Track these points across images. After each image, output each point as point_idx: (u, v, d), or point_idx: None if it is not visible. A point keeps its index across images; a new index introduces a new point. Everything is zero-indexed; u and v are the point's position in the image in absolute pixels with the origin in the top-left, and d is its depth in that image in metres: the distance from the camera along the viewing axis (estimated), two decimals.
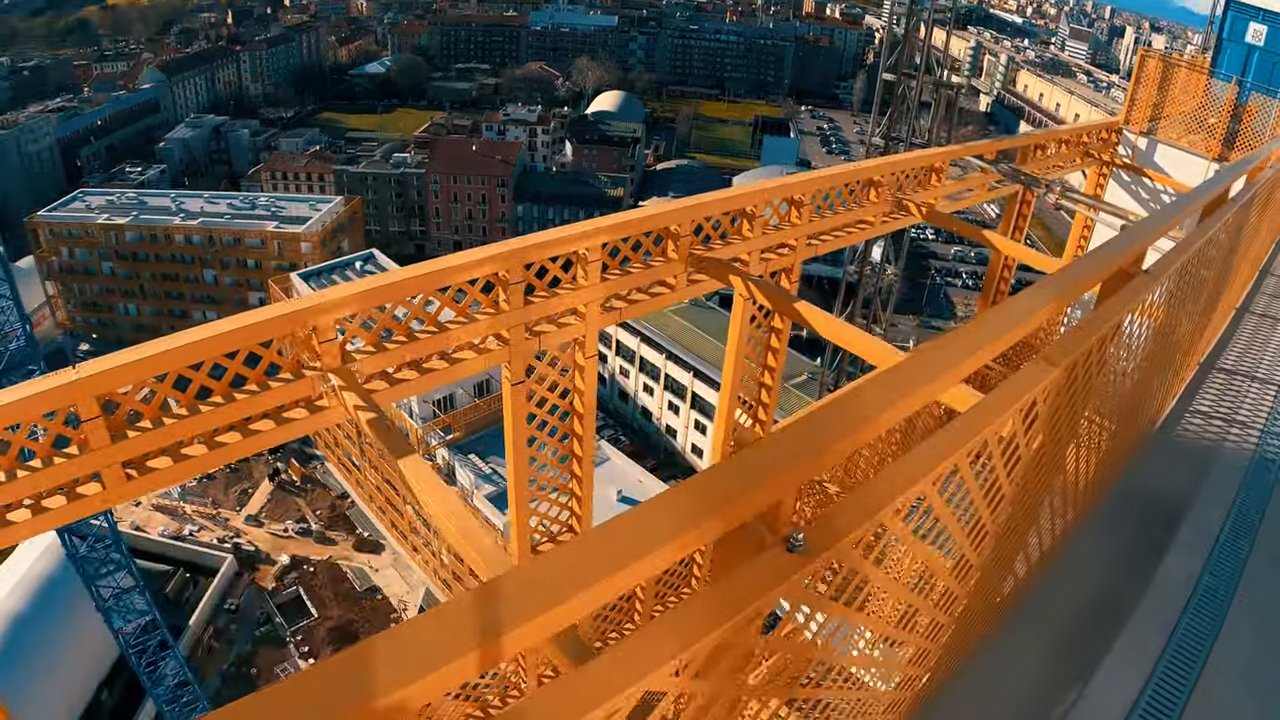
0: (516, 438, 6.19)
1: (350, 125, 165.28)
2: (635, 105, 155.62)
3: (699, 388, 73.34)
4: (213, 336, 4.52)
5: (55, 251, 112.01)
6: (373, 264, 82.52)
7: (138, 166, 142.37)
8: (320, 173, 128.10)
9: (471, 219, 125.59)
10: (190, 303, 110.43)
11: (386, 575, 72.49)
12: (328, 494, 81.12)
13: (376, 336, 5.18)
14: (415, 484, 4.10)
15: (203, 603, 68.49)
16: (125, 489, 4.63)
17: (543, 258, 5.51)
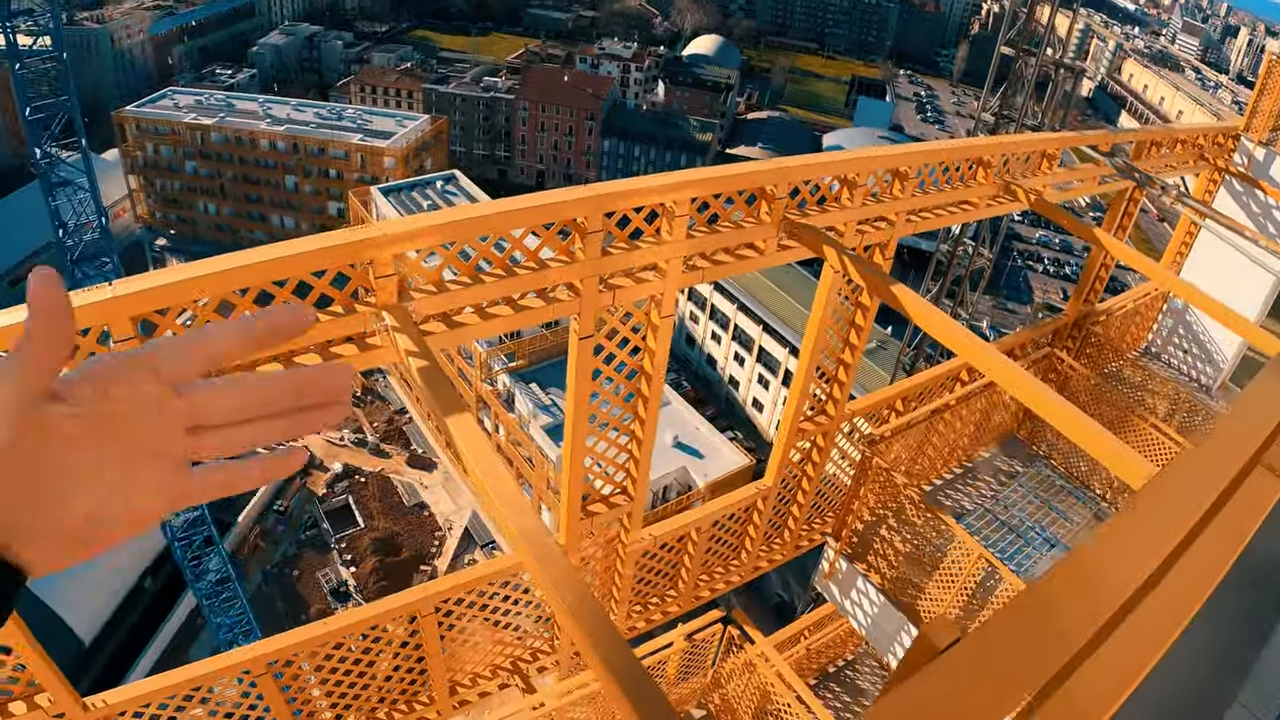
0: (579, 392, 5.85)
1: (443, 45, 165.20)
2: (732, 51, 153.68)
3: (767, 342, 72.83)
4: (261, 262, 4.19)
5: (140, 147, 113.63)
6: (454, 185, 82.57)
7: (228, 69, 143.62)
8: (409, 90, 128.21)
9: (557, 149, 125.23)
10: (269, 206, 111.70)
11: (435, 493, 73.29)
12: (386, 408, 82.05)
13: (439, 275, 4.82)
14: (463, 444, 3.76)
15: (252, 502, 69.81)
16: None
17: (626, 207, 5.11)
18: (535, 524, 3.49)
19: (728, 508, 8.34)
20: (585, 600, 3.11)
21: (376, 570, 66.37)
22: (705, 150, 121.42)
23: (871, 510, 9.03)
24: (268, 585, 66.63)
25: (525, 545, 3.34)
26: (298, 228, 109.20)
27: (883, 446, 8.69)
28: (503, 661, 8.01)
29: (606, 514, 6.95)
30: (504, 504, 3.58)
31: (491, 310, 5.00)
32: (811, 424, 7.87)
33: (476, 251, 4.80)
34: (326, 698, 7.13)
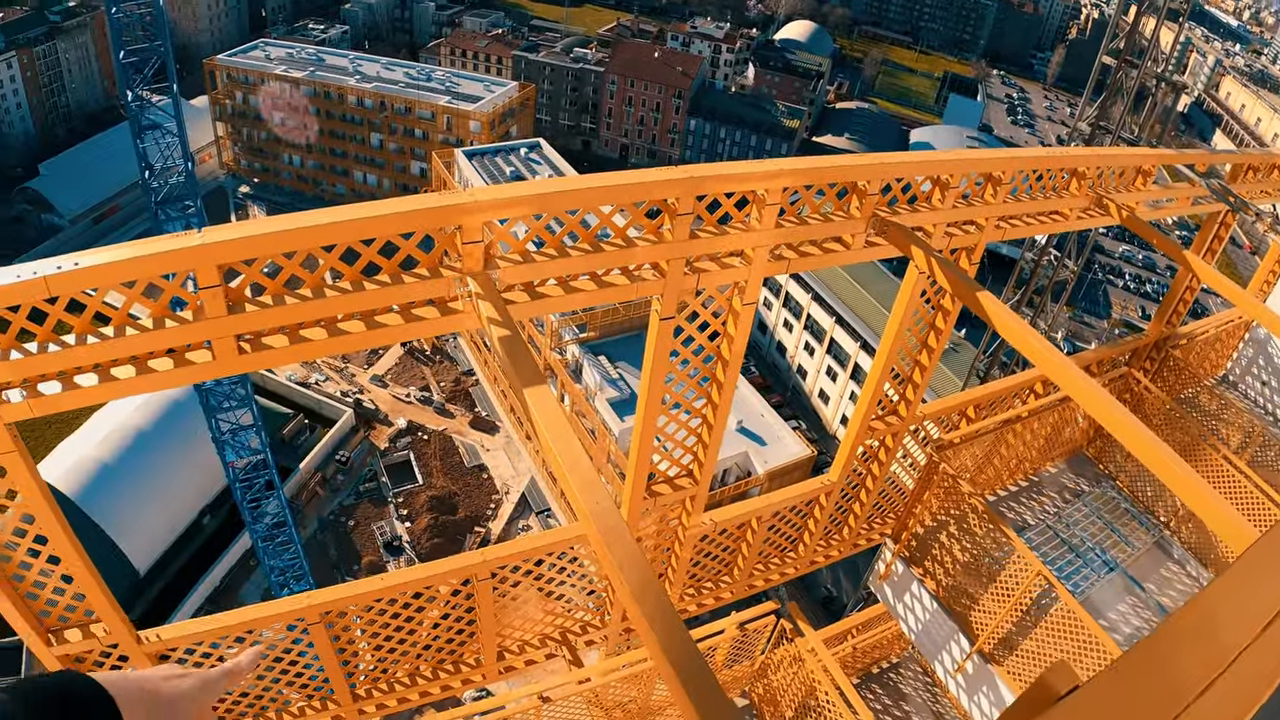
0: (654, 372, 5.84)
1: (535, 13, 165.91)
2: (825, 38, 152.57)
3: (838, 334, 72.45)
4: (351, 220, 4.22)
5: (229, 95, 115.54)
6: (538, 153, 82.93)
7: (321, 24, 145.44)
8: (499, 55, 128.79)
9: (643, 125, 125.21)
10: (353, 162, 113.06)
11: (496, 456, 74.02)
12: (454, 368, 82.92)
13: (525, 245, 4.83)
14: (539, 418, 3.77)
15: (315, 450, 71.13)
16: (236, 361, 4.42)
17: (718, 190, 5.09)
18: (604, 499, 3.50)
19: (790, 500, 8.31)
20: (647, 579, 3.12)
21: (431, 527, 67.19)
22: (791, 137, 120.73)
23: (933, 515, 8.96)
24: (323, 533, 67.82)
25: (592, 519, 3.35)
26: (379, 184, 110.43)
27: (950, 453, 8.61)
28: (552, 632, 8.07)
29: (670, 495, 6.95)
30: (575, 476, 3.59)
31: (575, 284, 5.00)
32: (882, 423, 7.82)
33: (564, 224, 4.80)
34: (375, 652, 7.22)
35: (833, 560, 9.53)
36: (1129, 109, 37.49)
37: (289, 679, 7.11)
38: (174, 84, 41.45)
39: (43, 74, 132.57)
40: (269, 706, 7.26)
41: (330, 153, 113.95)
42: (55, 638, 5.73)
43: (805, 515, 8.68)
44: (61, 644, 5.74)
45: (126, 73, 40.75)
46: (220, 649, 6.56)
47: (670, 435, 6.59)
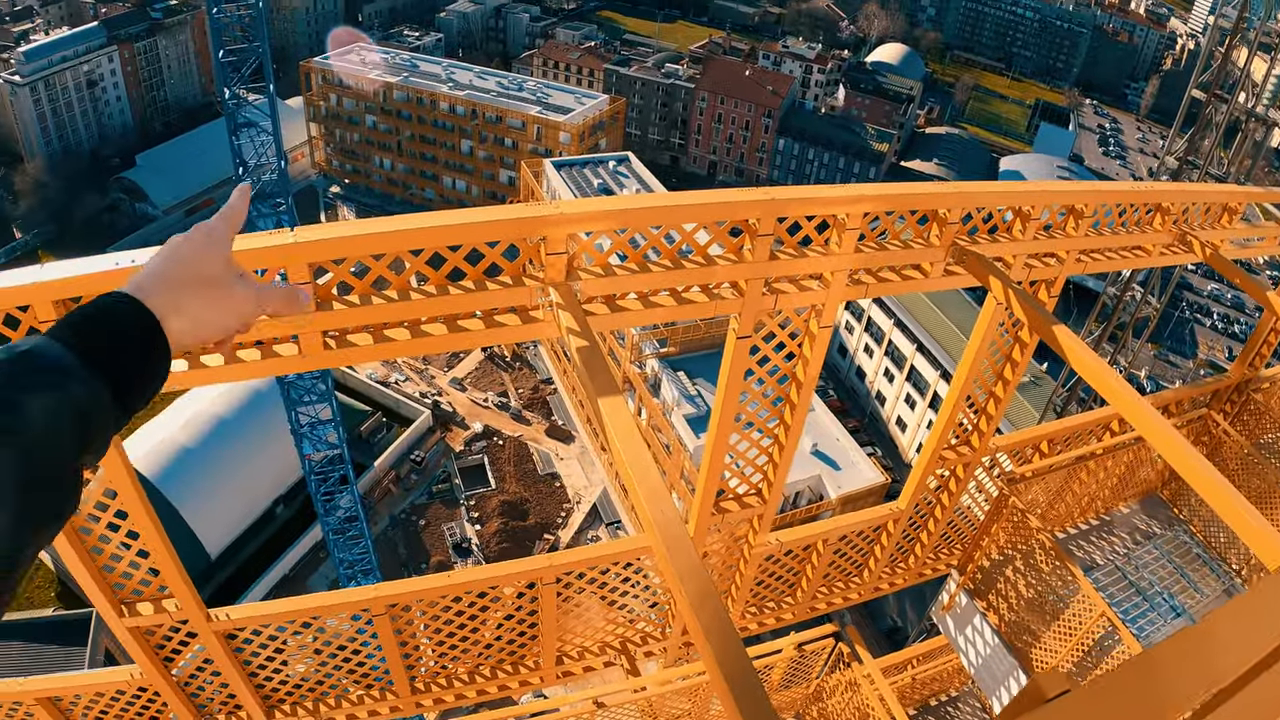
0: (729, 390, 5.91)
1: (628, 28, 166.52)
2: (916, 62, 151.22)
3: (919, 361, 71.73)
4: (439, 226, 4.36)
5: (324, 97, 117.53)
6: (626, 166, 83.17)
7: (416, 31, 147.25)
8: (591, 68, 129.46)
9: (731, 143, 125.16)
10: (442, 167, 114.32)
11: (570, 465, 74.29)
12: (533, 375, 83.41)
13: (607, 259, 4.92)
14: (612, 428, 3.85)
15: (391, 448, 72.03)
16: (322, 356, 4.57)
17: (800, 213, 5.15)
18: (671, 512, 3.55)
19: (857, 524, 8.31)
20: (708, 593, 3.16)
21: (501, 532, 67.61)
22: (880, 160, 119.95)
23: (1000, 549, 8.88)
24: (393, 530, 68.63)
25: (658, 531, 3.41)
26: (468, 191, 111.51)
27: (1022, 486, 8.54)
28: (612, 640, 8.13)
29: (738, 513, 6.99)
30: (643, 487, 3.65)
31: (655, 299, 5.08)
32: (954, 453, 7.79)
33: (647, 239, 4.88)
34: (437, 648, 7.34)
35: (897, 588, 9.49)
36: (1218, 144, 36.72)
37: (350, 668, 7.28)
38: (270, 84, 42.17)
39: (142, 69, 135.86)
40: (329, 693, 7.43)
41: (421, 157, 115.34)
42: (128, 610, 5.94)
43: (872, 541, 8.67)
44: (133, 616, 5.95)
45: (225, 71, 41.58)
46: (286, 633, 6.74)
47: (741, 453, 6.64)
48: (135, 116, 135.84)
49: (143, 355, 1.85)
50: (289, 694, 7.29)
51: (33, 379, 1.62)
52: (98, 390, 1.71)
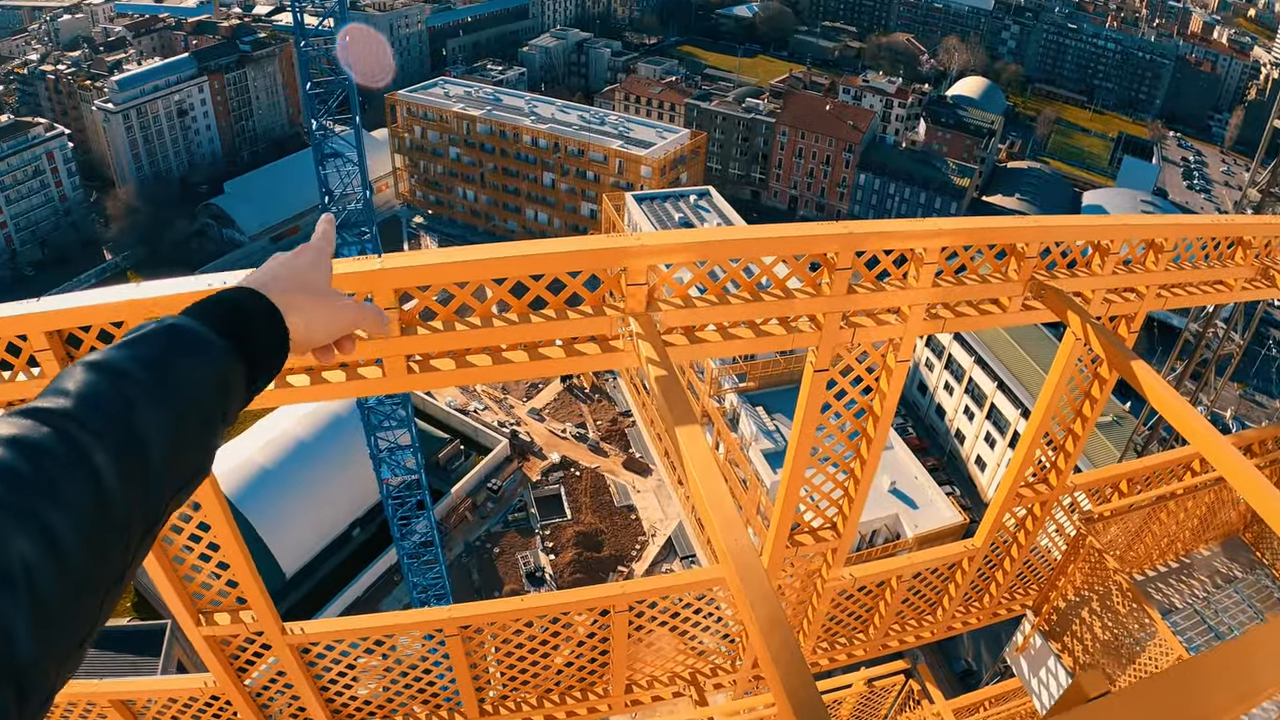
0: (806, 423, 5.93)
1: (709, 62, 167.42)
2: (997, 96, 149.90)
3: (999, 400, 70.73)
4: (521, 256, 4.47)
5: (409, 129, 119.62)
6: (707, 201, 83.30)
7: (499, 66, 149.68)
8: (672, 102, 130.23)
9: (811, 178, 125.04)
10: (525, 200, 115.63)
11: (646, 498, 74.28)
12: (612, 408, 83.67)
13: (687, 291, 4.99)
14: (689, 457, 3.90)
15: (469, 476, 72.73)
16: (404, 380, 4.70)
17: (877, 247, 5.18)
18: (745, 543, 3.57)
19: (932, 561, 8.24)
20: (779, 626, 3.17)
21: (575, 562, 67.77)
22: (961, 195, 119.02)
23: (1076, 590, 8.74)
24: (468, 557, 69.18)
25: (731, 561, 3.43)
26: (550, 223, 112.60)
27: (1100, 526, 8.41)
28: (682, 671, 8.14)
29: (812, 546, 6.98)
30: (717, 515, 3.67)
31: (733, 331, 5.13)
32: (1031, 490, 7.71)
33: (726, 272, 4.93)
34: (507, 671, 7.41)
35: (970, 628, 9.38)
36: None
37: (419, 688, 7.39)
38: (356, 116, 43.00)
39: (231, 99, 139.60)
40: (397, 712, 7.53)
41: (503, 190, 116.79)
42: (205, 619, 6.09)
43: (946, 579, 8.59)
44: (210, 625, 6.11)
45: (312, 103, 42.46)
46: (358, 650, 6.86)
47: (817, 487, 6.65)
48: (224, 145, 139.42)
49: (269, 339, 2.07)
50: (358, 710, 7.40)
51: (185, 351, 1.79)
52: (234, 364, 1.89)
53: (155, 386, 1.67)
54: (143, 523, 1.57)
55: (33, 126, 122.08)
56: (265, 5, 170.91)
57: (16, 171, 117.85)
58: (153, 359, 1.72)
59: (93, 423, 1.53)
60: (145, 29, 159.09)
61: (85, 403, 1.56)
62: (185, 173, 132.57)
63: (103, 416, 1.55)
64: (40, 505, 1.37)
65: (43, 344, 4.41)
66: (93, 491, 1.46)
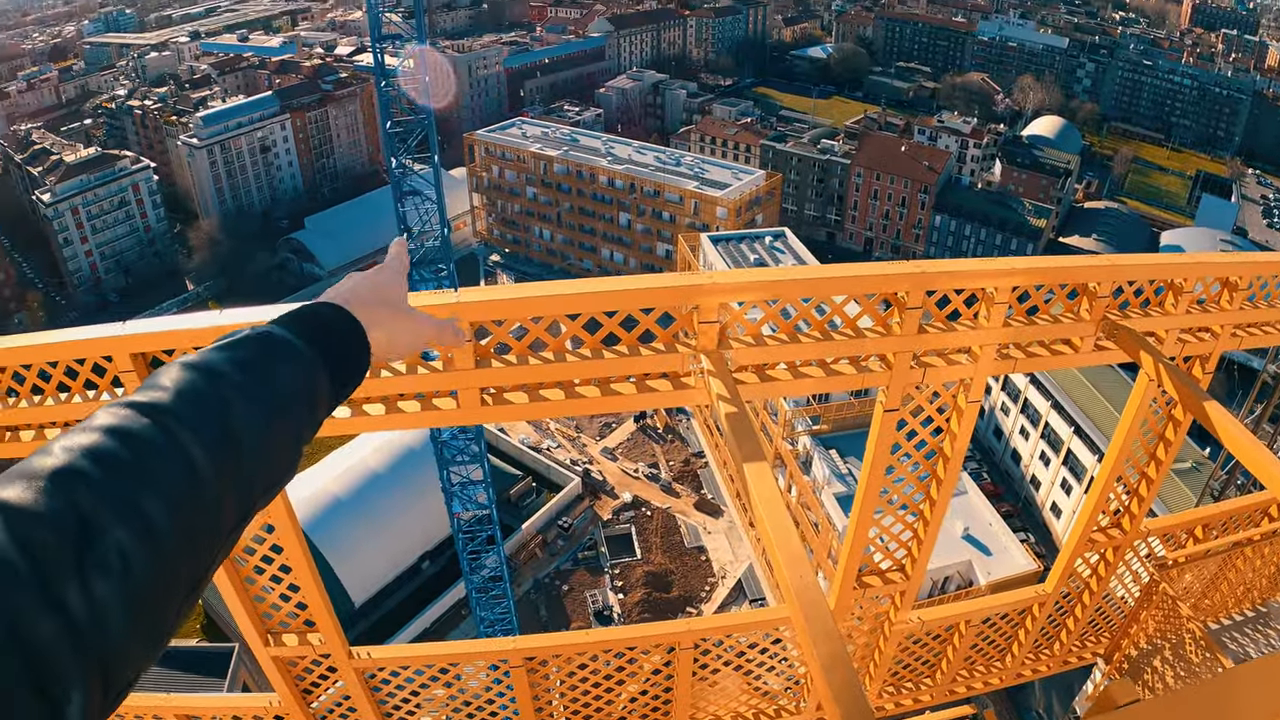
0: (875, 463, 5.92)
1: (784, 104, 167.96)
2: (1073, 135, 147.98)
3: (1076, 445, 69.52)
4: (594, 292, 4.56)
5: (486, 168, 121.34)
6: (782, 242, 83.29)
7: (575, 106, 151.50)
8: (747, 143, 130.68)
9: (887, 219, 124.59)
10: (601, 239, 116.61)
11: (717, 540, 73.93)
12: (685, 449, 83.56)
13: (759, 329, 5.03)
14: (755, 493, 3.93)
15: (540, 512, 73.11)
16: (478, 412, 4.78)
17: (948, 287, 5.17)
18: (812, 582, 3.56)
19: (1002, 606, 8.14)
20: (842, 664, 3.17)
21: (643, 602, 67.56)
22: (1037, 236, 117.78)
23: (1149, 638, 8.58)
24: (536, 593, 69.27)
25: (797, 600, 3.43)
26: (625, 263, 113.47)
27: (1174, 572, 8.26)
28: (745, 711, 8.10)
29: (880, 588, 6.93)
30: (784, 554, 3.68)
31: (804, 370, 5.15)
32: (1104, 535, 7.60)
33: (797, 311, 4.96)
34: (570, 705, 7.43)
35: (1040, 675, 9.25)
36: None
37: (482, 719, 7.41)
38: (435, 155, 43.58)
39: (313, 136, 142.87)
40: None
41: (579, 229, 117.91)
42: (274, 639, 6.20)
43: (1016, 625, 8.48)
44: (278, 646, 6.21)
45: (391, 141, 43.12)
46: (424, 677, 6.93)
47: (886, 528, 6.62)
48: (305, 181, 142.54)
49: (353, 352, 2.14)
50: None
51: (279, 357, 1.87)
52: (321, 372, 1.96)
53: (250, 387, 1.74)
54: (232, 519, 1.63)
55: (120, 159, 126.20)
56: (347, 46, 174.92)
57: (104, 202, 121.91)
58: (248, 362, 1.79)
59: (190, 417, 1.58)
60: (230, 67, 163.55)
61: (183, 398, 1.62)
62: (267, 207, 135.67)
63: (200, 412, 1.61)
64: (139, 493, 1.41)
65: (127, 365, 4.58)
66: (189, 484, 1.51)
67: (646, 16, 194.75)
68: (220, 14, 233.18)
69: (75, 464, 1.39)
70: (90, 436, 1.45)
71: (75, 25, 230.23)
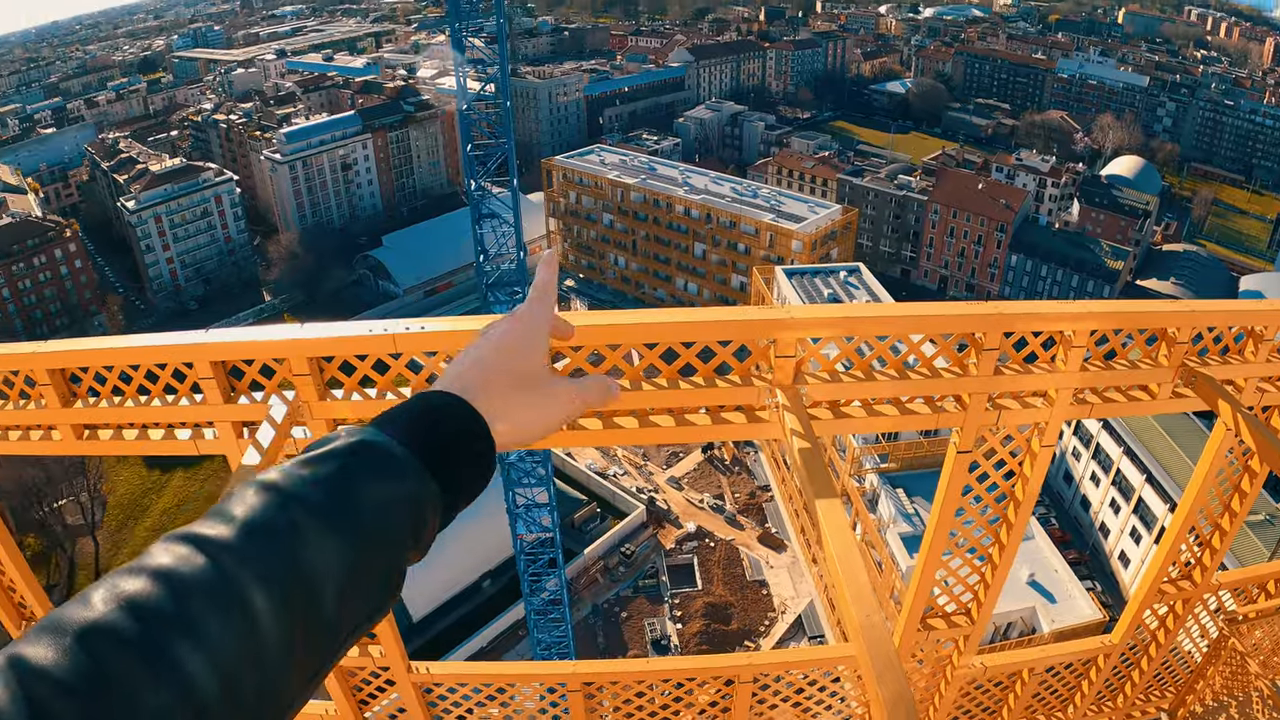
0: (945, 505, 5.90)
1: (861, 138, 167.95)
2: (1153, 176, 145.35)
3: (1148, 494, 68.14)
4: (674, 322, 4.61)
5: (563, 194, 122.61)
6: (856, 277, 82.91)
7: (654, 135, 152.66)
8: (824, 177, 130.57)
9: (962, 257, 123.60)
10: (675, 269, 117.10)
11: (779, 575, 73.58)
12: (751, 482, 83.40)
13: (834, 365, 5.04)
14: (827, 528, 3.95)
15: (603, 538, 73.55)
16: (554, 435, 4.82)
17: (1026, 329, 5.16)
18: (879, 620, 3.56)
19: (1066, 656, 8.04)
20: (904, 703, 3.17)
21: (702, 633, 67.36)
22: (1114, 279, 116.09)
23: (1215, 694, 8.41)
24: (594, 618, 69.37)
25: (862, 638, 3.44)
26: (699, 293, 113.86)
27: (1244, 628, 8.09)
28: None
29: (944, 631, 6.88)
30: (851, 590, 3.68)
31: (878, 408, 5.15)
32: (1174, 587, 7.48)
33: (873, 349, 4.98)
34: None
35: None
36: None
37: None
38: (514, 179, 44.08)
39: (394, 156, 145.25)
40: None
41: (654, 258, 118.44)
42: None
43: (1080, 675, 8.36)
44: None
45: (471, 164, 43.64)
46: (480, 695, 6.97)
47: (953, 570, 6.57)
48: (384, 199, 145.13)
49: (474, 458, 1.83)
50: None
51: (372, 472, 1.61)
52: (431, 488, 1.69)
53: (332, 515, 1.52)
54: (308, 667, 1.45)
55: (203, 171, 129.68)
56: (429, 69, 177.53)
57: (186, 211, 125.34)
58: (333, 480, 1.56)
59: (254, 555, 1.41)
60: (314, 86, 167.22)
61: (250, 531, 1.43)
62: (346, 223, 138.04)
63: (266, 549, 1.43)
64: (181, 650, 1.25)
65: (207, 373, 4.71)
66: (242, 634, 1.33)
67: (726, 48, 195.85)
68: (306, 34, 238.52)
69: (110, 619, 1.24)
70: (136, 582, 1.30)
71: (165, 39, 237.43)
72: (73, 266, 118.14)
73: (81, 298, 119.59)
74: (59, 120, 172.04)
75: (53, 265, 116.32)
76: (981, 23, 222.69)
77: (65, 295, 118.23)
